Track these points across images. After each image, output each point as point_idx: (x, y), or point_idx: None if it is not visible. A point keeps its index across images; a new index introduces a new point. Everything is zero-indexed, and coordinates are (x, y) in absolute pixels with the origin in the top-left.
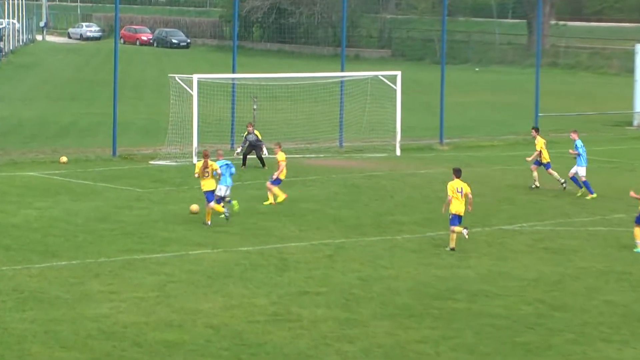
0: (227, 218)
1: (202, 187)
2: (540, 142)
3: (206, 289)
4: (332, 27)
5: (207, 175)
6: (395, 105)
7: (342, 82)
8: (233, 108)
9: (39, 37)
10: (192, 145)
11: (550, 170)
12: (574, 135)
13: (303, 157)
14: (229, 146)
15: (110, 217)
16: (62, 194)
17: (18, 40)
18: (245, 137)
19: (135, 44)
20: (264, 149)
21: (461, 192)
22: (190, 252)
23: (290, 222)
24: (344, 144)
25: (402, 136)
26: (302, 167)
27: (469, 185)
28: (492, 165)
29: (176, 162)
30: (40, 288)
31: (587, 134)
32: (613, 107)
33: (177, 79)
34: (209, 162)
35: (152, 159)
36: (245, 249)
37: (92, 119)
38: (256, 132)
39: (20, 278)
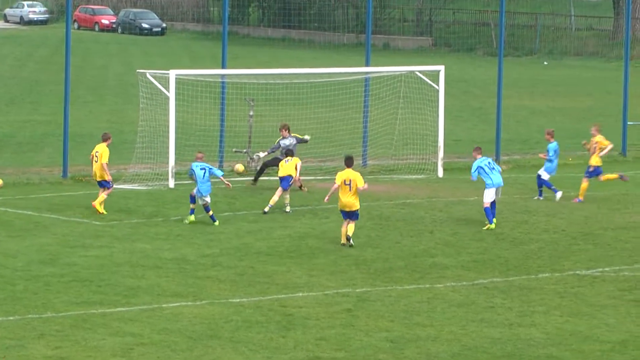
0: None
1: None
2: None
3: (186, 354)
4: (355, 8)
5: None
6: (437, 111)
7: (366, 79)
8: (222, 115)
9: None
10: (167, 163)
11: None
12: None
13: (314, 179)
14: (217, 164)
15: (60, 259)
16: None
17: None
18: (278, 143)
19: (93, 29)
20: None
21: (349, 184)
22: (164, 305)
23: (297, 265)
24: (368, 162)
25: (446, 152)
26: (312, 193)
27: (362, 177)
28: (565, 190)
29: (147, 185)
30: None
31: None
32: None
33: (148, 76)
34: None
35: (115, 181)
36: (238, 300)
37: (35, 129)
38: (295, 135)
39: None
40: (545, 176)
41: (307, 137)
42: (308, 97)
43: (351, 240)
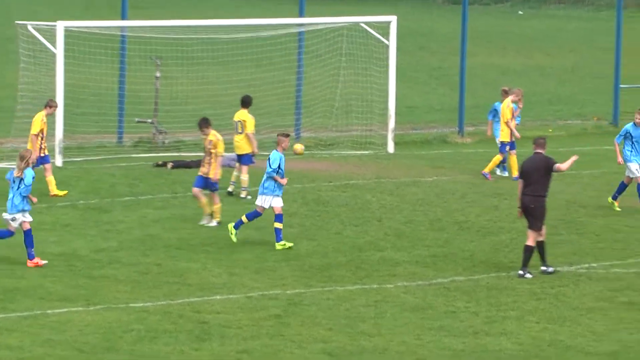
0: None
1: None
2: None
3: None
4: None
5: None
6: (387, 72)
7: (300, 34)
8: (122, 76)
9: None
10: (53, 136)
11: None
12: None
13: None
14: (115, 138)
15: None
16: None
17: None
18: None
19: None
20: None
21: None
22: (50, 311)
23: (215, 261)
24: (302, 134)
25: (398, 122)
26: (233, 172)
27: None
28: None
29: None
30: None
31: None
32: None
33: (30, 28)
34: None
35: None
36: (141, 305)
37: None
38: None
39: None
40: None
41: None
42: (228, 55)
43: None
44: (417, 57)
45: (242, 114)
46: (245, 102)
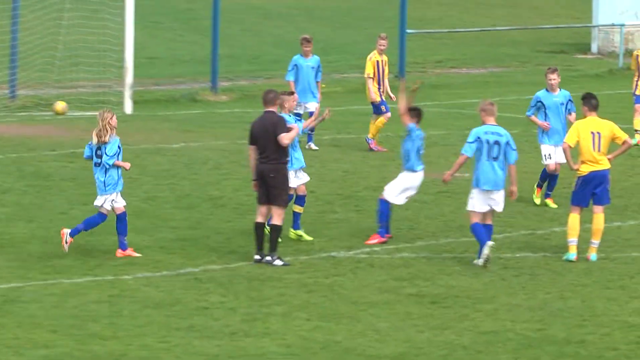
0: None
1: None
2: None
3: None
4: None
5: None
6: (123, 16)
7: None
8: None
9: None
10: None
11: None
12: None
13: None
14: None
15: None
16: None
17: None
18: None
19: None
20: None
21: None
22: None
23: None
24: (18, 92)
25: (137, 76)
26: None
27: None
28: (316, 133)
29: None
30: None
31: (500, 69)
32: (559, 18)
33: None
34: None
35: None
36: None
37: None
38: None
39: None
40: None
41: None
42: None
43: None
44: None
45: None
46: None
